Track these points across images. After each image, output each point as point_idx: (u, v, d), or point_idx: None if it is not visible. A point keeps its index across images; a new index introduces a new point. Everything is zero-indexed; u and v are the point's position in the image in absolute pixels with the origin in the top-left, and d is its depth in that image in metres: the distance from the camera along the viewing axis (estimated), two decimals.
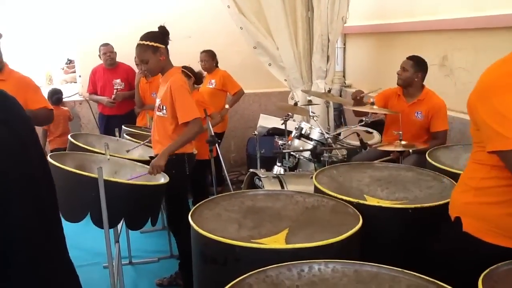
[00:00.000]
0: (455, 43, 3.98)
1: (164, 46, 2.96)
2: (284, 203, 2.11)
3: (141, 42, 2.90)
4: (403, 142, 3.26)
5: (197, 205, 1.99)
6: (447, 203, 2.00)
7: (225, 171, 4.17)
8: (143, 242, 3.98)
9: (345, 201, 2.03)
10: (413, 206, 1.95)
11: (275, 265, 1.41)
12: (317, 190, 2.23)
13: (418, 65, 3.62)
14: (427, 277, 1.31)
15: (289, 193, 2.18)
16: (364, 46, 5.55)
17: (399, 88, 3.74)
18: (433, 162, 2.59)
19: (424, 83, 3.69)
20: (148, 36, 2.94)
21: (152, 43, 2.91)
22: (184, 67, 3.93)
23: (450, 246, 1.71)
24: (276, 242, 1.80)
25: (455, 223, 1.64)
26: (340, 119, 5.61)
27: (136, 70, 4.89)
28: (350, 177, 2.44)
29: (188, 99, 2.95)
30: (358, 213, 1.87)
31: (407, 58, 3.67)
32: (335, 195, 2.08)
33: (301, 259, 1.48)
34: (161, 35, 2.99)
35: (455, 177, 2.34)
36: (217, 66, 5.11)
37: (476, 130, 1.53)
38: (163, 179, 2.78)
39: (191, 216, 1.86)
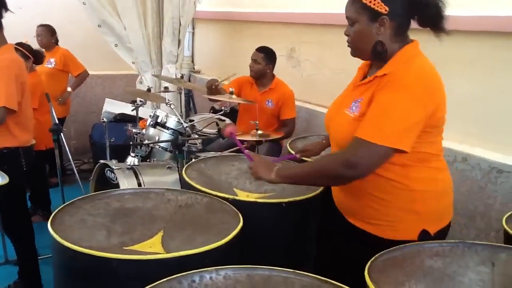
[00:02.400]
0: (302, 37, 4.19)
1: None
2: (155, 202, 1.96)
3: None
4: (259, 132, 3.33)
5: (56, 211, 1.72)
6: (316, 195, 2.09)
7: (71, 160, 3.79)
8: None
9: (220, 197, 1.97)
10: (286, 200, 1.98)
11: (165, 279, 1.29)
12: (187, 186, 2.12)
13: (269, 57, 3.75)
14: (320, 277, 1.33)
15: (160, 190, 2.03)
16: (215, 32, 5.53)
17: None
18: (293, 153, 2.68)
19: (274, 72, 3.84)
20: None
21: None
22: (19, 44, 3.41)
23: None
24: (152, 247, 1.66)
25: None
26: (189, 104, 5.53)
27: None
28: (218, 170, 2.38)
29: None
30: (236, 210, 1.83)
31: (257, 50, 3.75)
32: (209, 191, 2.00)
33: (187, 266, 1.38)
34: None
35: None
36: (57, 44, 4.58)
37: None
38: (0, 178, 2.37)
39: (50, 224, 1.60)
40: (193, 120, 4.00)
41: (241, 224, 1.70)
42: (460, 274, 1.44)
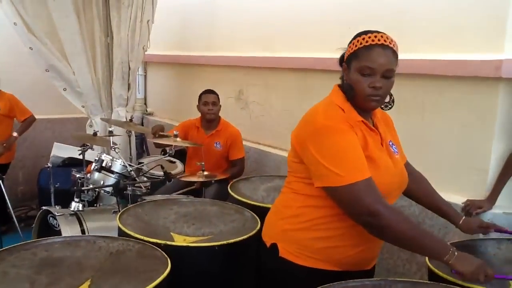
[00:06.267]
0: (249, 79, 4.30)
1: None
2: (86, 250, 1.93)
3: None
4: (205, 173, 3.35)
5: None
6: (250, 237, 2.11)
7: (10, 208, 3.68)
8: None
9: (152, 243, 1.96)
10: (219, 243, 1.99)
11: None
12: (121, 232, 2.11)
13: (218, 98, 3.82)
14: None
15: (91, 238, 2.00)
16: (166, 75, 5.60)
17: (197, 119, 3.87)
18: (235, 195, 2.71)
19: (220, 114, 3.89)
20: None
21: None
22: None
23: (269, 273, 1.78)
24: None
25: (271, 250, 1.73)
26: (142, 147, 5.50)
27: None
28: (156, 215, 2.37)
29: None
30: (166, 256, 1.82)
31: (210, 92, 3.80)
32: (141, 237, 1.99)
33: None
34: None
35: (254, 208, 2.49)
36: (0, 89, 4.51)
37: (297, 163, 1.67)
38: None
39: None
40: (143, 163, 3.98)
41: (168, 270, 1.70)
42: None
